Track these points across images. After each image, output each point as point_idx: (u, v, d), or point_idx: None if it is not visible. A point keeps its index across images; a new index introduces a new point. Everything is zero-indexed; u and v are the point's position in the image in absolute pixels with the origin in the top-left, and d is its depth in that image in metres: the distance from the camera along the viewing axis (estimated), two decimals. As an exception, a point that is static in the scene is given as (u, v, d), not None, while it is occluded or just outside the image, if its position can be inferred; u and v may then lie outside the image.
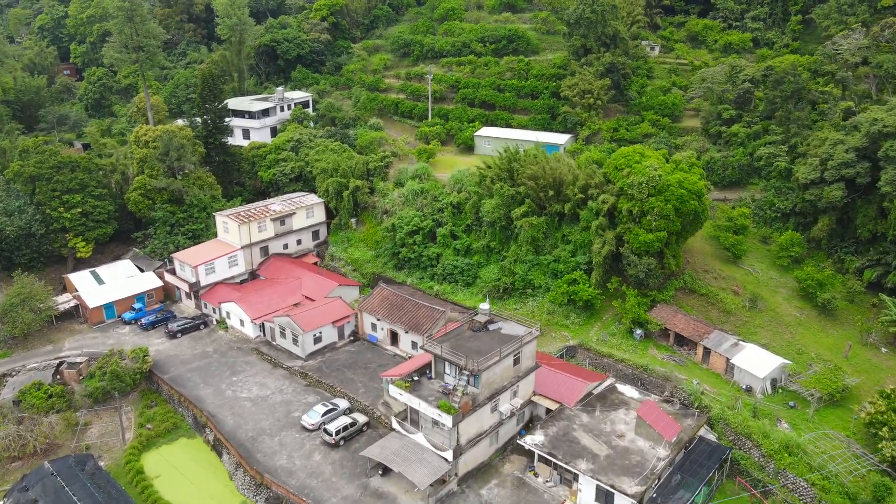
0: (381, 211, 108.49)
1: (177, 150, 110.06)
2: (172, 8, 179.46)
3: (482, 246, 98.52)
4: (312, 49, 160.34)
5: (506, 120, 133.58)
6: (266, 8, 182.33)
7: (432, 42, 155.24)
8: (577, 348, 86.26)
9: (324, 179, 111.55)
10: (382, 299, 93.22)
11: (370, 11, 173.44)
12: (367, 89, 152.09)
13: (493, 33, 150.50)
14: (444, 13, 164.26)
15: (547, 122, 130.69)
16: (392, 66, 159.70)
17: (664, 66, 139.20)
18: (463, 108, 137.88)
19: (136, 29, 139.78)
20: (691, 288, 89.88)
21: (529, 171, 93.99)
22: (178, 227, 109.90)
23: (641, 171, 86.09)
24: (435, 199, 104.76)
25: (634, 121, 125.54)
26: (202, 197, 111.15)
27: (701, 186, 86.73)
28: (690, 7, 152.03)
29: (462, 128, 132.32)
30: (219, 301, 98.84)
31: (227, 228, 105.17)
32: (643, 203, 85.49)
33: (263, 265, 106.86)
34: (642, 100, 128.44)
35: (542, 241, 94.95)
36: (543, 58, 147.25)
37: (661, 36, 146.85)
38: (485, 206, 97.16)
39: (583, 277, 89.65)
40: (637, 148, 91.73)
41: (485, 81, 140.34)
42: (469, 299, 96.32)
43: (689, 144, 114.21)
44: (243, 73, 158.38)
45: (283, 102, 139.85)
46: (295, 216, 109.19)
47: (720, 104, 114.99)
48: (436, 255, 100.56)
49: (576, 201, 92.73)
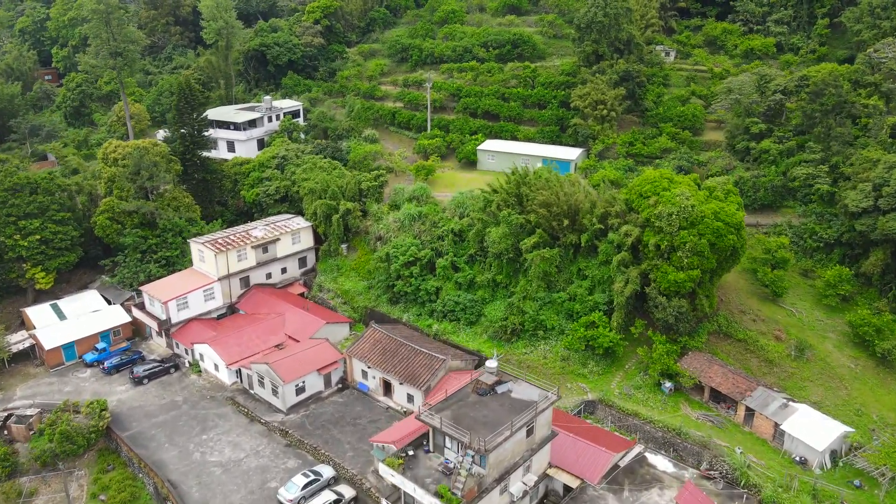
0: (375, 237, 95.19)
1: (149, 168, 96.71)
2: (158, 10, 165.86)
3: (487, 280, 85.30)
4: (304, 54, 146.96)
5: (511, 132, 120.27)
6: (256, 10, 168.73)
7: (432, 46, 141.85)
8: (596, 404, 73.14)
9: (311, 201, 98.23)
10: (374, 343, 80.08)
11: (366, 14, 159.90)
12: (363, 97, 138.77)
13: (497, 37, 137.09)
14: (444, 16, 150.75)
15: (556, 135, 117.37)
16: (389, 71, 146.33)
17: (681, 73, 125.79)
18: (464, 118, 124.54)
19: (114, 33, 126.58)
20: (727, 332, 76.67)
21: (541, 198, 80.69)
22: (151, 254, 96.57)
23: (671, 201, 72.84)
24: (434, 225, 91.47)
25: (651, 134, 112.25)
26: (177, 220, 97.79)
27: (740, 218, 73.42)
28: (707, 10, 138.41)
29: (464, 140, 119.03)
30: (191, 341, 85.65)
31: (203, 257, 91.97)
32: (673, 237, 72.30)
33: (244, 298, 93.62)
34: (659, 110, 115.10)
35: (555, 275, 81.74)
36: (550, 64, 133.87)
37: (677, 40, 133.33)
38: (490, 234, 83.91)
39: (602, 320, 76.45)
40: (664, 172, 78.36)
41: (488, 90, 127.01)
42: (472, 340, 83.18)
43: (713, 161, 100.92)
44: (231, 79, 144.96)
45: (272, 112, 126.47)
46: (279, 243, 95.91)
47: (748, 117, 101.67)
48: (435, 289, 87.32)
49: (594, 232, 79.54)
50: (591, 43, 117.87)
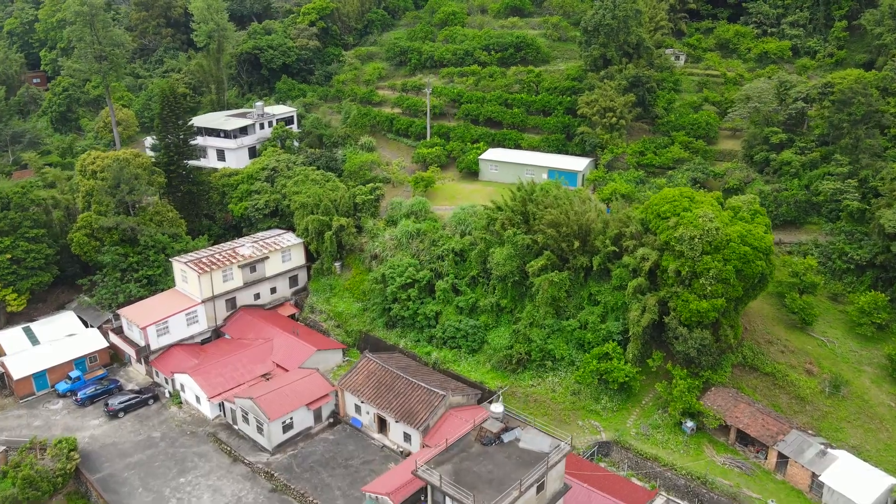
0: (370, 255, 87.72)
1: (129, 181, 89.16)
2: (149, 11, 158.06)
3: (490, 304, 77.82)
4: (299, 57, 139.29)
5: (514, 140, 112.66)
6: (250, 12, 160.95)
7: (431, 50, 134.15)
8: (611, 445, 65.70)
9: (303, 216, 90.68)
10: (368, 375, 72.63)
11: (363, 15, 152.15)
12: (359, 102, 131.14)
13: (499, 40, 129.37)
14: (444, 17, 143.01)
15: (562, 144, 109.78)
16: (387, 75, 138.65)
17: (692, 77, 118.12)
18: (465, 125, 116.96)
19: (98, 36, 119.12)
20: (753, 364, 69.13)
21: (549, 217, 73.12)
22: (131, 273, 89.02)
23: (693, 223, 65.29)
24: (434, 243, 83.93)
25: (663, 143, 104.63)
26: (159, 237, 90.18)
27: (769, 242, 65.82)
28: (718, 11, 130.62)
29: (465, 149, 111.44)
30: (171, 370, 78.22)
31: (186, 278, 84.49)
32: (695, 262, 64.77)
33: (230, 321, 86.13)
34: (670, 118, 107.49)
35: (564, 301, 74.25)
36: (555, 68, 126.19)
37: (687, 43, 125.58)
38: (494, 256, 76.40)
39: (617, 351, 68.95)
40: (685, 191, 70.69)
41: (490, 95, 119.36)
42: (474, 370, 75.78)
43: (730, 174, 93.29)
44: (223, 83, 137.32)
45: (264, 119, 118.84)
46: (268, 261, 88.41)
47: (767, 126, 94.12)
48: (434, 313, 79.83)
49: (606, 254, 72.07)
50: (599, 47, 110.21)
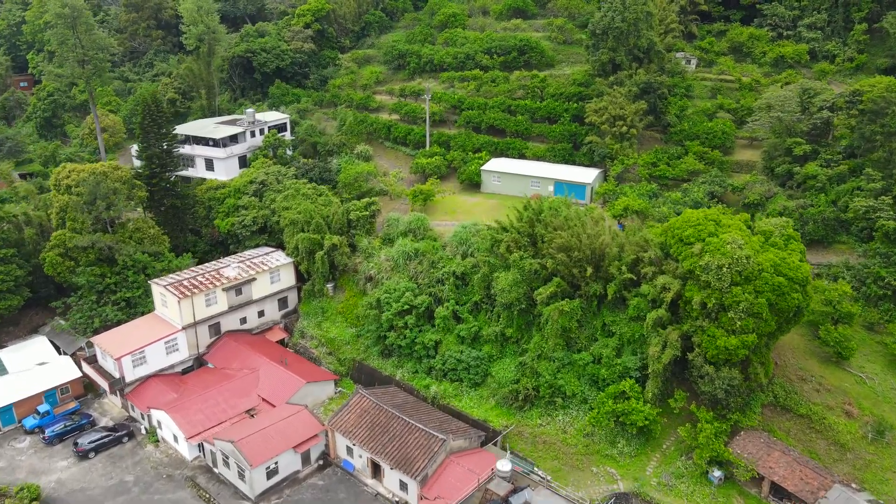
0: (364, 277, 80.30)
1: (106, 196, 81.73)
2: (139, 13, 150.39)
3: (495, 333, 70.34)
4: (294, 61, 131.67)
5: (518, 149, 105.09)
6: (243, 13, 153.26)
7: (431, 53, 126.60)
8: (630, 498, 58.23)
9: (293, 234, 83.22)
10: (361, 414, 65.20)
11: (360, 17, 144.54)
12: (356, 108, 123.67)
13: (502, 43, 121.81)
14: (444, 19, 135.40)
15: (568, 153, 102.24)
16: (385, 79, 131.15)
17: (704, 83, 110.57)
18: (467, 133, 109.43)
19: (81, 39, 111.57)
20: (785, 405, 61.65)
21: (559, 241, 65.61)
22: (108, 295, 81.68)
23: (720, 250, 57.82)
24: (433, 265, 76.45)
25: (676, 153, 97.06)
26: (139, 256, 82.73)
27: (806, 272, 58.21)
28: (731, 13, 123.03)
29: (466, 159, 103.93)
30: (148, 405, 70.85)
31: (166, 302, 77.10)
32: (723, 294, 57.36)
33: (213, 348, 78.69)
34: (683, 126, 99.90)
35: (576, 331, 66.85)
36: (560, 72, 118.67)
37: (699, 47, 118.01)
38: (498, 281, 68.94)
39: (635, 389, 61.49)
40: (709, 213, 63.12)
41: (493, 101, 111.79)
42: (477, 405, 68.39)
43: (750, 187, 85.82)
44: (214, 88, 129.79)
45: (255, 126, 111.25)
46: (255, 283, 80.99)
47: (789, 136, 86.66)
48: (434, 342, 72.46)
49: (622, 282, 64.65)
50: (608, 51, 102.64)
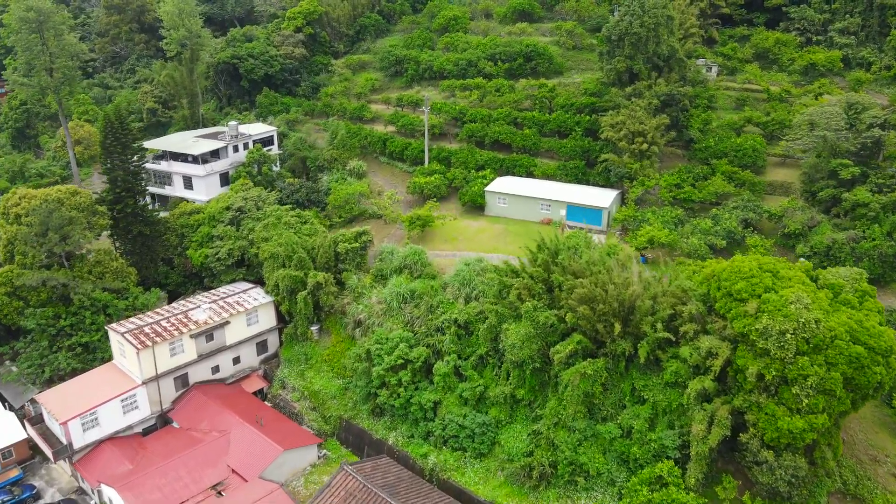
0: (353, 321, 68.56)
1: (60, 228, 70.00)
2: (121, 15, 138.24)
3: (503, 395, 58.58)
4: (284, 67, 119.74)
5: (526, 167, 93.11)
6: (232, 16, 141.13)
7: (430, 59, 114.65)
8: None
9: (273, 269, 71.43)
10: (346, 497, 53.37)
11: (355, 20, 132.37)
12: (349, 119, 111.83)
13: (506, 49, 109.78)
14: (444, 23, 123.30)
15: (581, 172, 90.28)
16: (381, 87, 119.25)
17: (728, 93, 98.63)
18: (469, 149, 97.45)
19: (48, 46, 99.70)
20: (856, 494, 49.81)
21: (581, 291, 53.78)
22: (63, 340, 70.08)
23: (782, 311, 46.14)
24: (431, 310, 64.64)
25: (702, 173, 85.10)
26: (98, 295, 71.05)
27: (890, 339, 46.44)
28: (754, 16, 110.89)
29: (468, 178, 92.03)
30: (98, 478, 59.20)
31: (124, 352, 65.48)
32: (786, 365, 45.81)
33: (180, 403, 66.94)
34: (709, 142, 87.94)
35: (600, 396, 55.20)
36: (570, 80, 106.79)
37: (721, 53, 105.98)
38: (508, 334, 57.17)
39: (674, 473, 49.82)
40: (764, 262, 51.18)
41: (497, 113, 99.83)
42: (483, 481, 56.68)
43: (790, 215, 74.08)
44: (197, 97, 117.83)
45: (238, 140, 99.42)
46: (229, 326, 69.32)
47: (834, 157, 74.90)
48: (432, 403, 60.84)
49: (656, 340, 52.98)
50: (624, 59, 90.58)
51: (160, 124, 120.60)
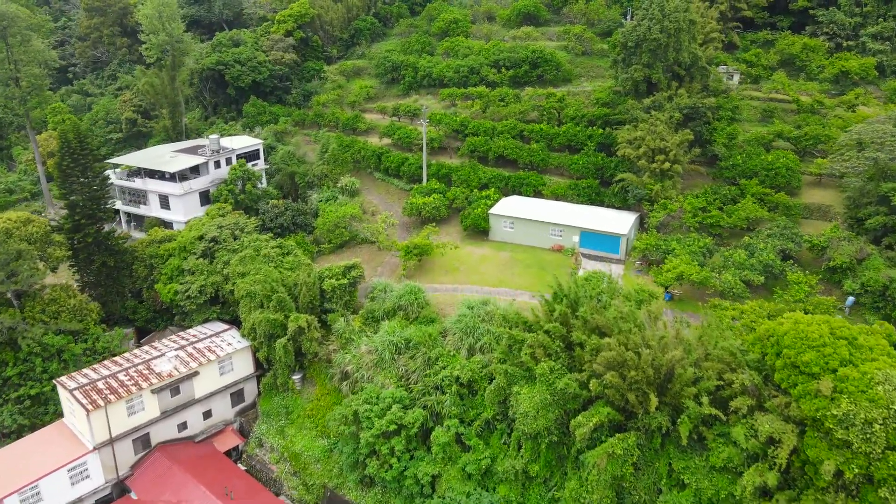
0: (340, 372, 58.47)
1: (6, 264, 59.83)
2: (103, 17, 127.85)
3: (514, 470, 48.53)
4: (273, 73, 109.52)
5: (534, 185, 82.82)
6: (220, 19, 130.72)
7: (429, 65, 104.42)
8: None
9: (249, 309, 61.30)
10: None
11: (350, 24, 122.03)
12: (342, 130, 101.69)
13: (511, 55, 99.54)
14: (444, 26, 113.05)
15: (595, 192, 79.96)
16: (377, 95, 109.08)
17: (752, 103, 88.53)
18: (472, 165, 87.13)
19: (12, 53, 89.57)
20: None
21: (608, 355, 43.68)
22: (9, 391, 59.98)
23: (867, 392, 36.15)
24: (429, 363, 54.60)
25: (730, 194, 74.93)
26: (50, 339, 60.98)
27: None
28: (778, 19, 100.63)
29: (470, 198, 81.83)
30: (36, 569, 49.32)
31: (74, 411, 55.44)
32: (872, 461, 35.91)
33: (140, 467, 56.66)
34: (736, 159, 77.76)
35: (631, 478, 45.15)
36: (580, 89, 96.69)
37: (742, 59, 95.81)
38: (520, 400, 47.03)
39: (724, 583, 40.02)
40: (836, 325, 40.85)
41: (501, 126, 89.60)
42: (491, 574, 46.86)
43: (835, 246, 63.88)
44: (179, 106, 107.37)
45: (220, 155, 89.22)
46: (199, 377, 59.28)
47: (883, 180, 64.82)
48: (430, 477, 50.83)
49: (701, 416, 42.93)
50: (642, 67, 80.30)
51: (141, 135, 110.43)
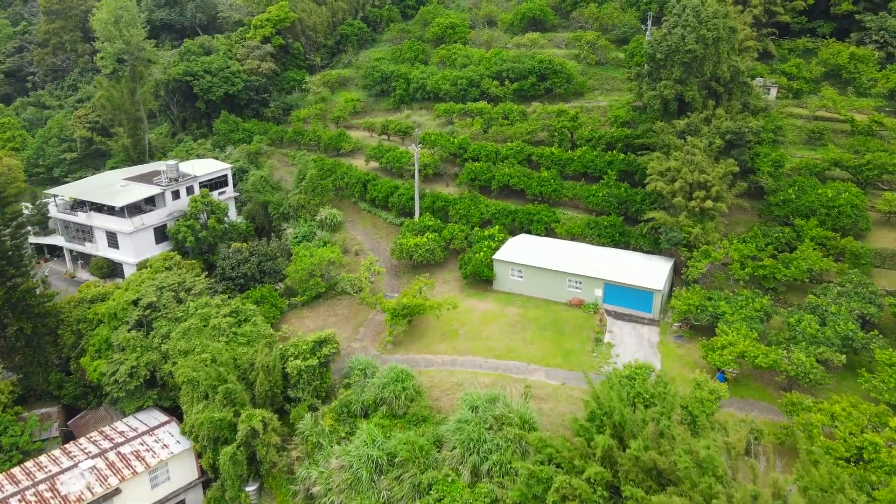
0: (304, 489, 43.54)
1: None
2: (64, 22, 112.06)
3: None
4: (248, 85, 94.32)
5: (545, 222, 67.51)
6: (193, 23, 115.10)
7: (423, 76, 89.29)
8: None
9: (192, 401, 46.23)
10: None
11: (335, 29, 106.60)
12: (324, 151, 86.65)
13: (515, 65, 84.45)
14: (440, 32, 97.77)
15: (619, 230, 64.75)
16: (364, 109, 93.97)
17: (795, 121, 73.72)
18: (472, 197, 71.82)
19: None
20: None
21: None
22: None
23: None
24: (419, 490, 39.67)
25: (783, 237, 60.00)
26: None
27: None
28: (817, 25, 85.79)
29: (471, 237, 66.68)
30: None
31: (-52, 553, 40.53)
32: None
33: None
34: (787, 194, 62.80)
35: None
36: (594, 103, 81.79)
37: (781, 70, 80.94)
38: (547, 570, 32.52)
39: None
40: None
41: (506, 149, 74.46)
42: None
43: (928, 312, 49.42)
44: (141, 122, 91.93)
45: (180, 183, 74.08)
46: (121, 496, 44.34)
47: None
48: None
49: None
50: (673, 84, 65.30)
51: (99, 154, 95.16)
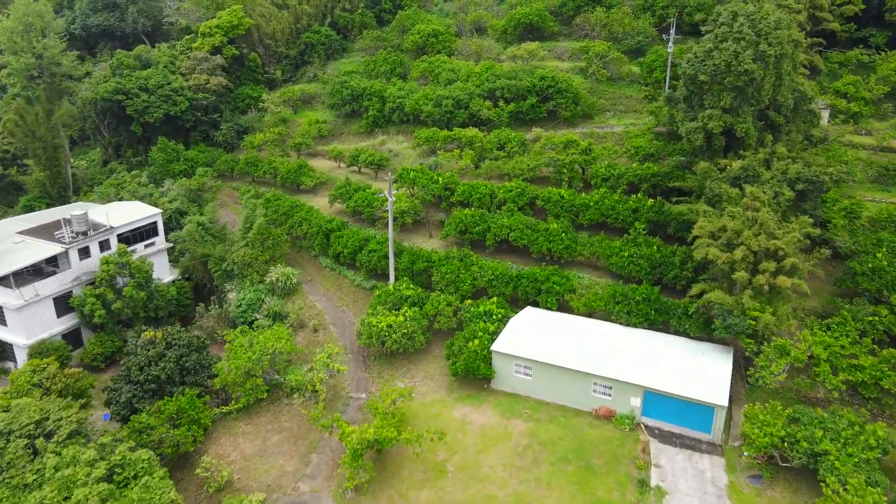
0: None
1: None
2: None
3: None
4: (194, 104, 76.07)
5: (556, 292, 49.96)
6: (135, 30, 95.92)
7: (400, 94, 71.44)
8: None
9: None
10: None
11: (298, 37, 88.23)
12: (280, 186, 68.77)
13: (511, 82, 66.80)
14: (421, 41, 79.76)
15: (654, 305, 47.35)
16: (332, 132, 76.06)
17: (857, 152, 57.12)
18: (462, 255, 53.94)
19: None
20: None
21: None
22: None
23: None
24: None
25: (879, 321, 43.19)
26: None
27: None
28: (868, 33, 68.87)
29: (462, 314, 49.19)
30: None
31: None
32: None
33: None
34: (878, 260, 45.80)
35: None
36: (606, 129, 64.57)
37: (831, 89, 64.21)
38: None
39: None
40: None
41: (503, 191, 56.90)
42: None
43: None
44: (62, 150, 73.39)
45: (91, 238, 55.76)
46: None
47: None
48: None
49: None
50: (721, 113, 47.91)
51: (14, 188, 76.45)
